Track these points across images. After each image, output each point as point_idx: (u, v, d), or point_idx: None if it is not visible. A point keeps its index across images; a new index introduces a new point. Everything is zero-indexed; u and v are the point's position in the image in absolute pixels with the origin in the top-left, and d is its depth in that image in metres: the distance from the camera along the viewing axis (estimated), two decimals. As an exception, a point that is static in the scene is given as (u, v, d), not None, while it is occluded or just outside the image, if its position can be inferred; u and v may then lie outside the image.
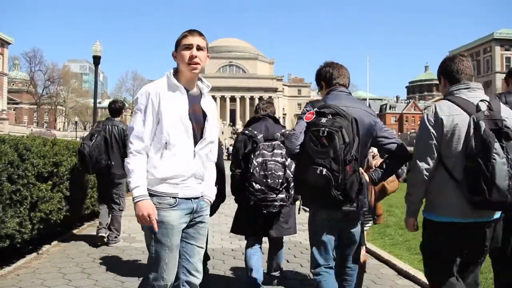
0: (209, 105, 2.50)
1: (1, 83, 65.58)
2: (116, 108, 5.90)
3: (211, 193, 2.57)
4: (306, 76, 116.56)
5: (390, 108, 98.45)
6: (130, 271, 4.51)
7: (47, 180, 5.08)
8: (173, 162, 2.33)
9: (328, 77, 3.00)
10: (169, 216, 2.31)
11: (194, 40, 2.39)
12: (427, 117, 2.56)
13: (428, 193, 2.59)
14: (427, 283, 4.17)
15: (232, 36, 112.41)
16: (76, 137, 51.52)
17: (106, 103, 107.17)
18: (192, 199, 2.41)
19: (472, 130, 2.36)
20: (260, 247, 3.95)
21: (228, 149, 46.64)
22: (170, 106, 2.33)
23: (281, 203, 3.59)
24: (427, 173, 2.52)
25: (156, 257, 2.34)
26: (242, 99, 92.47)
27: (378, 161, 3.72)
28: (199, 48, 2.39)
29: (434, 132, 2.50)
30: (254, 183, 3.54)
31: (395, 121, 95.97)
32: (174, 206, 2.33)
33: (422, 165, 2.53)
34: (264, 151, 3.63)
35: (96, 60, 15.34)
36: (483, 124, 2.33)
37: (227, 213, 8.48)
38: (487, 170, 2.27)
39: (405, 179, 3.15)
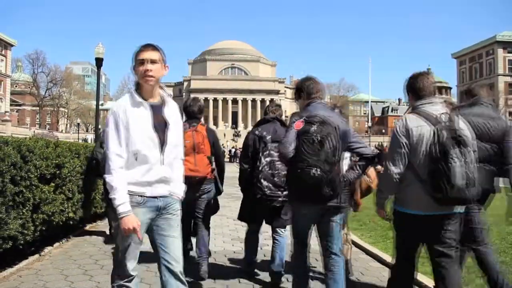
0: (171, 112, 2.68)
1: (4, 85, 65.83)
2: None
3: (180, 190, 2.73)
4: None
5: (392, 111, 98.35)
6: (132, 273, 4.50)
7: (49, 181, 5.10)
8: (143, 170, 2.55)
9: (309, 90, 3.39)
10: (136, 213, 2.50)
11: (147, 54, 2.56)
12: (398, 129, 3.00)
13: (399, 191, 3.05)
14: (430, 286, 4.18)
15: (234, 38, 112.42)
16: (78, 138, 51.62)
17: (108, 105, 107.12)
18: (159, 198, 2.61)
19: (435, 138, 2.81)
20: (258, 233, 4.55)
21: (230, 151, 46.65)
22: (137, 121, 2.53)
23: (284, 199, 3.98)
24: (397, 177, 2.96)
25: (122, 249, 2.57)
26: (244, 101, 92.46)
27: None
28: (152, 62, 2.56)
29: (404, 141, 2.94)
30: (262, 180, 3.99)
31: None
32: (141, 204, 2.54)
33: (394, 169, 2.96)
34: (272, 152, 4.03)
35: (99, 62, 15.40)
36: (443, 133, 2.80)
37: (229, 216, 8.49)
38: (447, 172, 2.73)
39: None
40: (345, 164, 3.72)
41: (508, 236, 6.24)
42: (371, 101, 71.03)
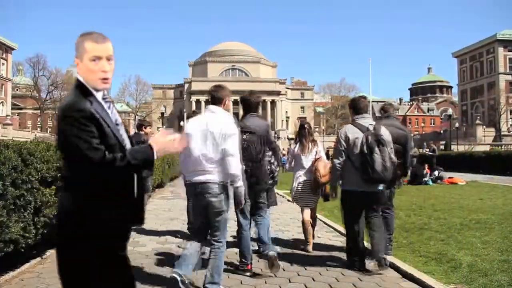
0: None
1: (5, 89, 66.02)
2: (141, 125, 8.24)
3: None
4: (308, 79, 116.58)
5: (393, 110, 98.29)
6: (133, 274, 4.49)
7: (50, 184, 5.10)
8: None
9: (254, 104, 4.89)
10: None
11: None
12: (341, 134, 4.72)
13: (342, 175, 4.73)
14: (433, 286, 4.19)
15: (235, 39, 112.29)
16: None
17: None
18: None
19: (364, 141, 4.47)
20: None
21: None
22: None
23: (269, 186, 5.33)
24: (339, 166, 4.69)
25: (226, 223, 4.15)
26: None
27: (320, 162, 5.63)
28: None
29: (344, 143, 4.65)
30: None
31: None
32: None
33: (336, 161, 4.69)
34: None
35: (99, 64, 15.41)
36: (369, 138, 4.46)
37: (229, 216, 8.47)
38: (371, 162, 4.39)
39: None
40: (310, 160, 5.68)
41: (510, 235, 6.22)
42: (372, 101, 70.60)
